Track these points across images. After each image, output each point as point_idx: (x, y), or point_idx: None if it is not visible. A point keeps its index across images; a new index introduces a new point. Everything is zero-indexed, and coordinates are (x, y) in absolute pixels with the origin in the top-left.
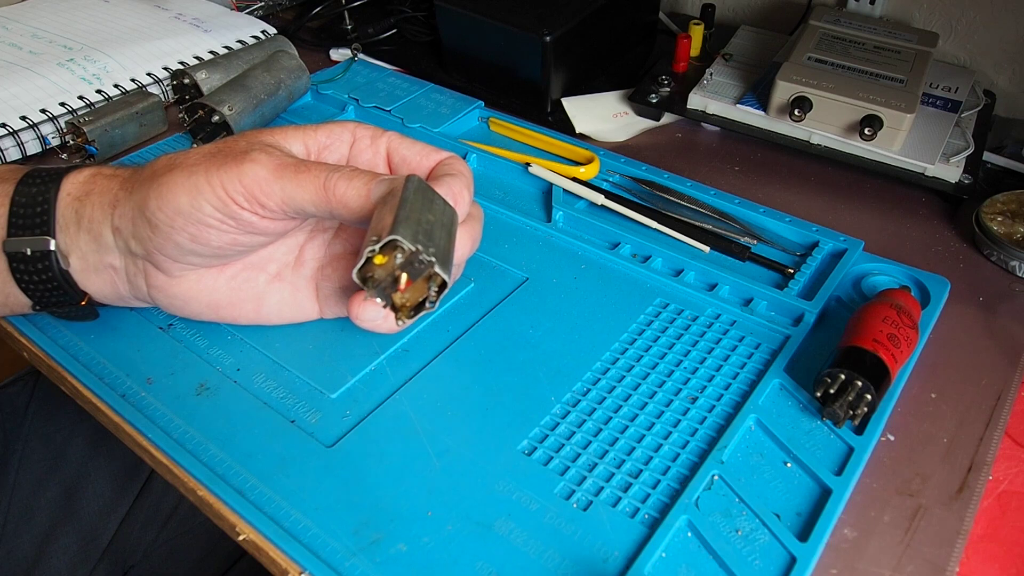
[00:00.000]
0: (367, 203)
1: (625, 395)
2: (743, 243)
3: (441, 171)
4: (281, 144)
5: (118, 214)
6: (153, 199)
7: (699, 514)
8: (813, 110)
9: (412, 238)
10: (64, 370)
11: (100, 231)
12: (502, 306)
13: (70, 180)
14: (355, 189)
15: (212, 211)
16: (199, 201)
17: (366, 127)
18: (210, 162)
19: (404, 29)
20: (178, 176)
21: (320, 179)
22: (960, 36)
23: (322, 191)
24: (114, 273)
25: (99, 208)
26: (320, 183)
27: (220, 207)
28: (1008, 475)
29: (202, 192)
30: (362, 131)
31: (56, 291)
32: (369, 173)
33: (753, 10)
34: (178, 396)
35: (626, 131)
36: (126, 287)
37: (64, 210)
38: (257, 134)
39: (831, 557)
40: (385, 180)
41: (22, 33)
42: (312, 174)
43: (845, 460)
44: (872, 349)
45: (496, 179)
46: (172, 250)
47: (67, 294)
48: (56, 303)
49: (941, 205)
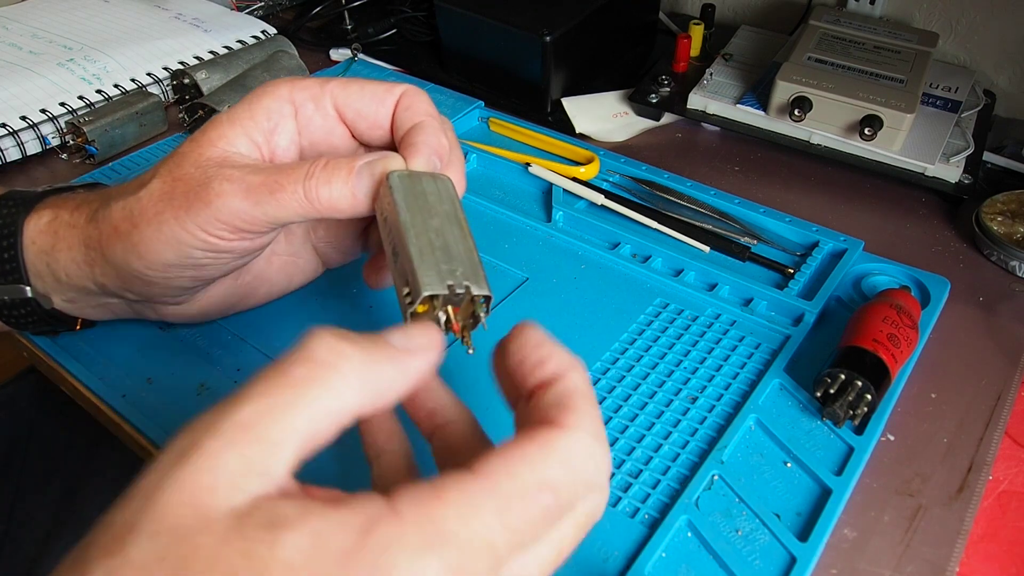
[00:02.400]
0: (356, 202)
1: (625, 395)
2: (743, 243)
3: (403, 121)
4: (230, 154)
5: (99, 272)
6: (135, 260)
7: (699, 514)
8: (813, 110)
9: (440, 282)
10: (64, 370)
11: (84, 285)
12: (502, 306)
13: (31, 226)
14: (338, 191)
15: (203, 254)
16: (185, 250)
17: (302, 87)
18: (174, 206)
19: (404, 29)
20: (148, 232)
21: (299, 192)
22: (960, 36)
23: (305, 203)
24: (113, 306)
25: (73, 265)
26: (300, 196)
27: (209, 248)
28: (1008, 475)
29: (184, 242)
30: (300, 94)
31: (47, 324)
32: (344, 166)
33: (753, 10)
34: (178, 396)
35: (626, 131)
36: (129, 314)
37: (34, 260)
38: (196, 148)
39: (831, 557)
40: (364, 169)
41: (22, 33)
42: (288, 191)
43: (845, 460)
44: (872, 349)
45: (496, 179)
46: (175, 292)
47: (60, 323)
48: (51, 331)
49: (941, 205)
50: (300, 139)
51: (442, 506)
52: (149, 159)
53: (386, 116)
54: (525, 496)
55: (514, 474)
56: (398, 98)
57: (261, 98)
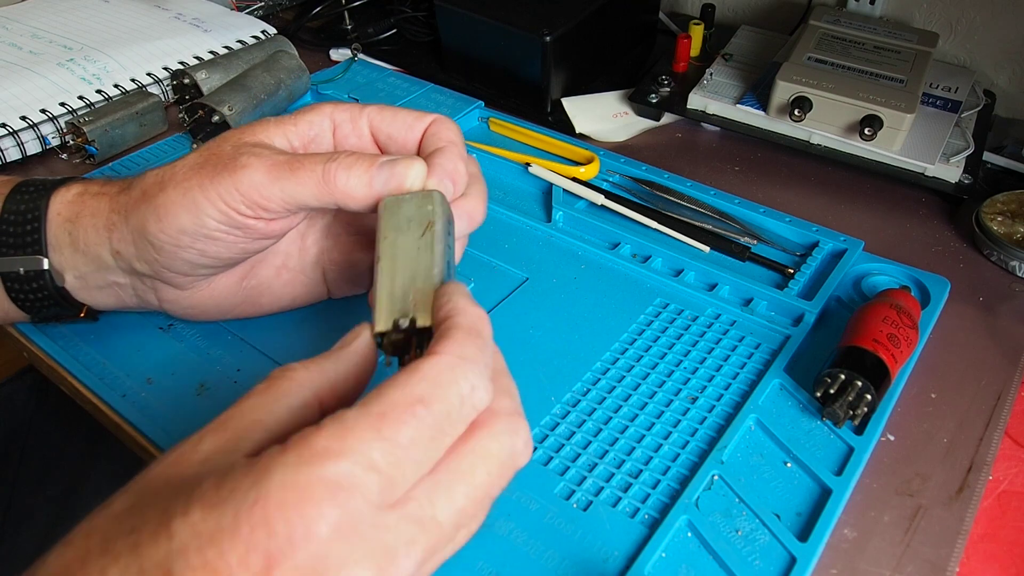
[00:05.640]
0: (371, 192)
1: (625, 395)
2: (743, 243)
3: (429, 145)
4: (264, 142)
5: (116, 238)
6: (152, 222)
7: (699, 514)
8: (813, 110)
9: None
10: (64, 370)
11: (99, 254)
12: (502, 306)
13: (58, 199)
14: (356, 178)
15: (217, 225)
16: (201, 218)
17: (343, 108)
18: (201, 174)
19: (404, 29)
20: (172, 195)
21: (317, 172)
22: (960, 36)
23: (322, 184)
24: (119, 288)
25: (93, 231)
26: (318, 176)
27: (224, 220)
28: (1008, 475)
29: (202, 208)
30: (340, 115)
31: (53, 306)
32: (367, 158)
33: (753, 10)
34: (178, 396)
35: (626, 131)
36: (133, 300)
37: (56, 231)
38: (238, 134)
39: (831, 557)
40: (387, 164)
41: (22, 33)
42: (308, 168)
43: (845, 460)
44: (872, 349)
45: (496, 179)
46: (181, 267)
47: (64, 307)
48: (54, 317)
49: (941, 205)
50: None
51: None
52: (149, 159)
53: (414, 141)
54: (395, 409)
55: (383, 396)
56: (427, 125)
57: (306, 112)
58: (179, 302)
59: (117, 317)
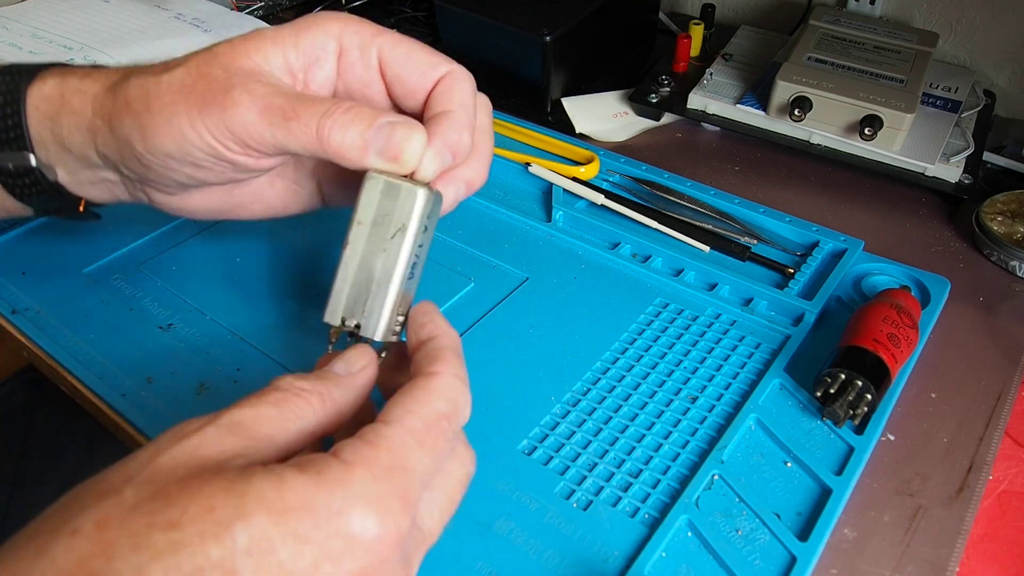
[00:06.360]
0: (365, 156)
1: (625, 395)
2: (743, 243)
3: (435, 104)
4: (262, 67)
5: (101, 142)
6: (136, 141)
7: (699, 514)
8: (813, 110)
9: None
10: (64, 369)
11: (85, 153)
12: (502, 306)
13: (35, 92)
14: (351, 139)
15: (204, 156)
16: (187, 148)
17: (352, 30)
18: (189, 101)
19: (404, 29)
20: (158, 118)
21: (312, 128)
22: (960, 36)
23: (315, 141)
24: (112, 185)
25: (77, 132)
26: (312, 133)
27: (211, 152)
28: (1008, 475)
29: (189, 139)
30: (349, 38)
31: (51, 200)
32: (366, 115)
33: (753, 10)
34: (178, 396)
35: (626, 131)
36: (126, 196)
37: (37, 127)
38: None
39: (831, 557)
40: (385, 127)
41: (22, 33)
42: (303, 122)
43: (845, 460)
44: (872, 349)
45: (496, 179)
46: (169, 183)
47: (63, 201)
48: (55, 210)
49: (941, 205)
50: (337, 81)
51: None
52: None
53: (424, 91)
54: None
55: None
56: (441, 76)
57: (310, 28)
58: (169, 204)
59: (117, 317)
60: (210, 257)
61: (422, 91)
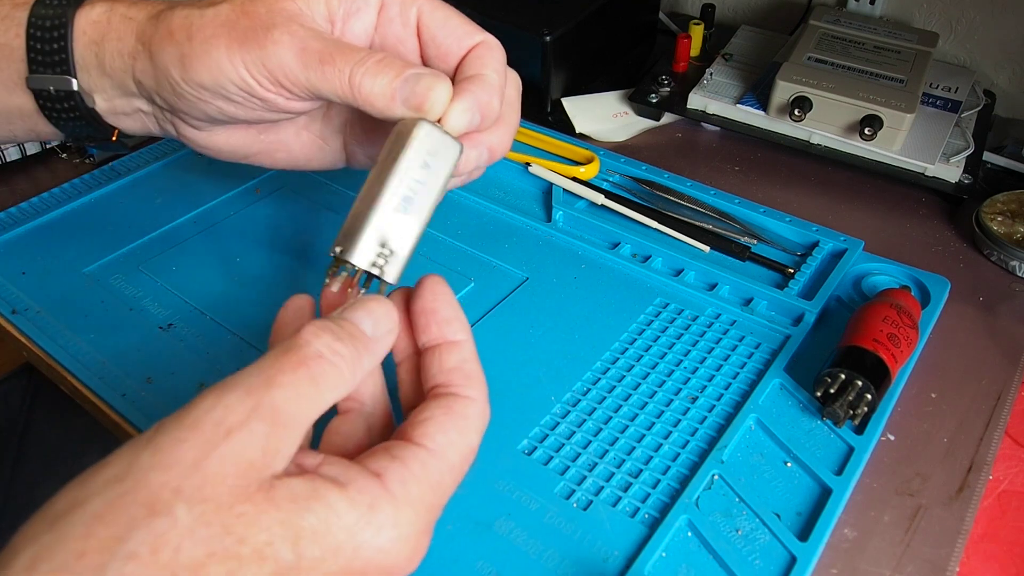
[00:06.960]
0: (392, 104)
1: (625, 395)
2: (743, 243)
3: (468, 68)
4: (303, 12)
5: (139, 68)
6: (174, 69)
7: (699, 514)
8: (813, 110)
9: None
10: (64, 369)
11: (123, 80)
12: (502, 306)
13: (83, 16)
14: (380, 87)
15: (237, 91)
16: (222, 81)
17: None
18: (231, 36)
19: None
20: (198, 49)
21: (345, 74)
22: (960, 36)
23: (347, 87)
24: (144, 116)
25: (118, 57)
26: (345, 79)
27: (245, 87)
28: (1008, 475)
29: (225, 72)
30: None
31: (85, 126)
32: (396, 65)
33: (753, 10)
34: (178, 396)
35: (626, 131)
36: (157, 129)
37: (82, 51)
38: None
39: (831, 557)
40: (413, 78)
41: None
42: (337, 67)
43: (845, 460)
44: (872, 349)
45: (496, 179)
46: (200, 115)
47: (96, 129)
48: (87, 137)
49: (941, 205)
50: (375, 34)
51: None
52: (149, 159)
53: (456, 56)
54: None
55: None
56: (475, 44)
57: None
58: (197, 140)
59: (117, 317)
60: (210, 257)
61: (455, 56)
